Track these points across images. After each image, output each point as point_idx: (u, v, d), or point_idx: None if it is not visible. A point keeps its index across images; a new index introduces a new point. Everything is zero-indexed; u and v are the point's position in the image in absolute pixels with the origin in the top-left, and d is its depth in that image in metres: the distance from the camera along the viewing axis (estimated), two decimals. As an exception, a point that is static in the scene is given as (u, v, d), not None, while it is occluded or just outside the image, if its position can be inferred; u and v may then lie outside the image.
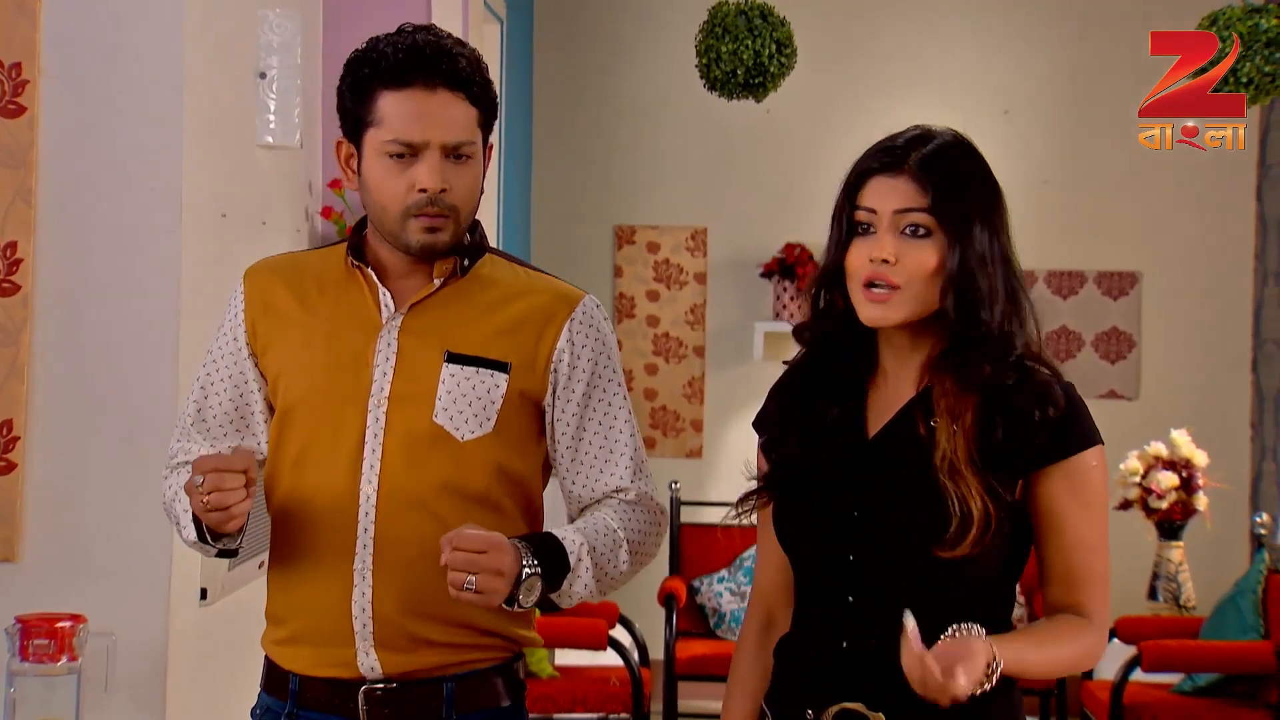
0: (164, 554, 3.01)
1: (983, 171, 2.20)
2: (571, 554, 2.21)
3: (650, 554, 2.35)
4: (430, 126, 2.20)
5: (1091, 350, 7.43)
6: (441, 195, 2.21)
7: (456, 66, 2.22)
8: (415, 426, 2.26)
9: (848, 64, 7.45)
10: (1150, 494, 6.09)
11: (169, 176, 3.10)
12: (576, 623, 5.32)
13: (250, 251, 3.46)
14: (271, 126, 3.55)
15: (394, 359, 2.28)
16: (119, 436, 3.08)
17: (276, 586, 2.36)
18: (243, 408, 2.39)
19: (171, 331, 3.09)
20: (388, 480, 2.25)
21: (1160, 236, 7.36)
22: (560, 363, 2.31)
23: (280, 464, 2.33)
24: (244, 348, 2.37)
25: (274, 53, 3.55)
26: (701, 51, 4.64)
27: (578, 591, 2.23)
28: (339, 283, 2.34)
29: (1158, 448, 6.17)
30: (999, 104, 7.42)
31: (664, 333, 7.49)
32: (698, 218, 7.52)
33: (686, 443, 7.43)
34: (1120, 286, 7.42)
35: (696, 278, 7.51)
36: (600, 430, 2.33)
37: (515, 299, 2.32)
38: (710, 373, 7.48)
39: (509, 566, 2.10)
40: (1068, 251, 7.43)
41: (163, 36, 3.10)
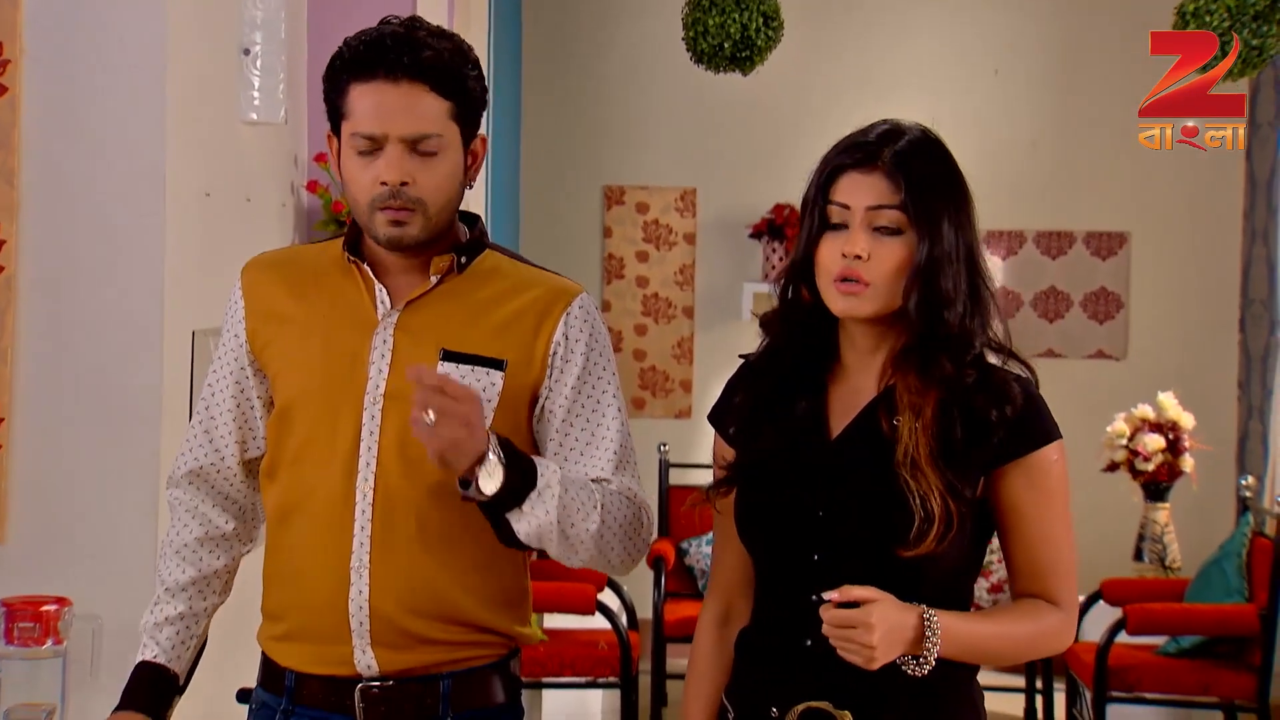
0: (150, 536, 3.00)
1: (952, 169, 2.18)
2: (542, 476, 2.15)
3: (627, 544, 2.27)
4: (390, 119, 2.17)
5: (1080, 310, 7.43)
6: (404, 189, 2.19)
7: (420, 57, 2.18)
8: (410, 425, 2.24)
9: (835, 27, 7.41)
10: (1137, 456, 6.10)
11: (152, 155, 3.07)
12: (564, 588, 5.32)
13: (235, 230, 3.46)
14: (256, 103, 3.53)
15: (390, 356, 2.26)
16: (104, 418, 3.07)
17: (273, 584, 2.35)
18: (244, 405, 2.38)
19: (156, 311, 3.08)
20: (384, 478, 2.24)
21: (1149, 197, 7.35)
22: (555, 355, 2.29)
23: (278, 461, 2.32)
24: (244, 345, 2.36)
25: (258, 28, 3.52)
26: (688, 25, 4.60)
27: (536, 519, 2.14)
28: (335, 279, 2.33)
29: (1145, 410, 6.17)
30: (988, 64, 7.39)
31: (653, 293, 7.47)
32: (687, 178, 7.50)
33: (675, 403, 7.43)
34: (1109, 246, 7.41)
35: (686, 238, 7.49)
36: (589, 423, 2.31)
37: (512, 295, 2.30)
38: (699, 333, 7.47)
39: (477, 423, 2.06)
40: (1056, 211, 7.42)
41: (145, 14, 3.06)
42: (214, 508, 2.41)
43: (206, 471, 2.40)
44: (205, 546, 2.41)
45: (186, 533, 2.41)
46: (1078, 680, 5.67)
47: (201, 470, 2.40)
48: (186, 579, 2.39)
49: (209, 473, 2.40)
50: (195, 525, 2.41)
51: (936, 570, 2.07)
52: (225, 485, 2.41)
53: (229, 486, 2.42)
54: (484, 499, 2.12)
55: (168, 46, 3.08)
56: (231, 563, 2.45)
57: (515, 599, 2.35)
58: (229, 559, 2.44)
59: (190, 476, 2.41)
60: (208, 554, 2.41)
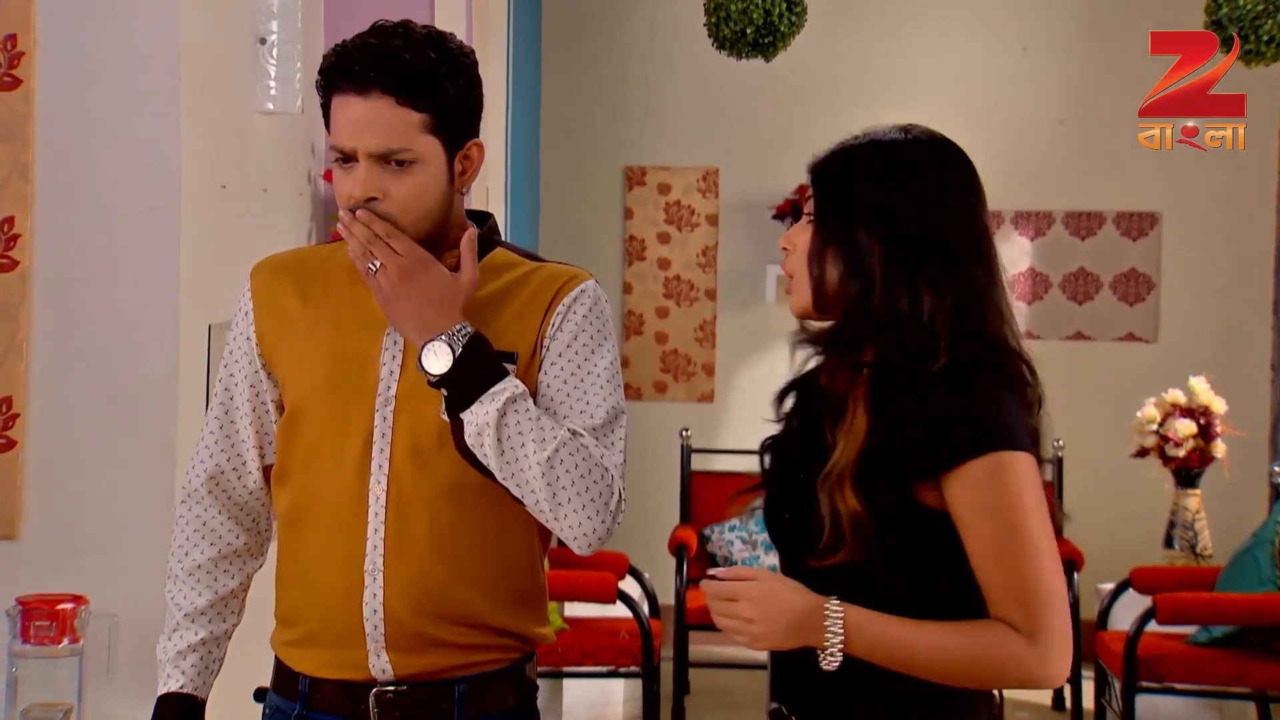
0: (166, 533, 3.00)
1: (882, 161, 2.13)
2: (503, 383, 2.16)
3: (582, 495, 2.17)
4: (357, 133, 2.18)
5: (1110, 292, 7.41)
6: (372, 203, 2.20)
7: (393, 70, 2.17)
8: (423, 424, 2.25)
9: (859, 4, 7.39)
10: (1167, 442, 6.10)
11: (167, 148, 3.08)
12: (585, 576, 5.35)
13: (251, 221, 3.47)
14: (272, 93, 3.53)
15: (400, 356, 2.28)
16: (119, 413, 3.09)
17: (286, 588, 2.36)
18: (260, 409, 2.39)
19: (171, 305, 3.09)
20: (396, 480, 2.26)
21: (1180, 176, 7.32)
22: (547, 335, 2.27)
23: (288, 465, 2.33)
24: (255, 347, 2.37)
25: (274, 17, 3.53)
26: (709, 10, 4.60)
27: (477, 418, 2.14)
28: (344, 279, 2.34)
29: (1175, 395, 6.17)
30: (1016, 41, 7.36)
31: (675, 275, 7.48)
32: (709, 158, 7.50)
33: (698, 387, 7.44)
34: (1139, 227, 7.39)
35: (708, 219, 7.49)
36: (577, 389, 2.26)
37: (518, 288, 2.31)
38: (722, 316, 7.47)
39: (419, 286, 2.17)
40: (1086, 192, 7.40)
41: (159, 4, 3.07)
42: (226, 520, 2.42)
43: (227, 476, 2.41)
44: (219, 566, 2.42)
45: (198, 553, 2.42)
46: (1106, 670, 5.67)
47: (222, 474, 2.40)
48: (204, 603, 2.41)
49: (229, 478, 2.41)
50: (206, 545, 2.42)
51: (871, 583, 2.03)
52: (243, 492, 2.42)
53: (246, 494, 2.42)
54: (431, 381, 2.17)
55: (182, 36, 3.09)
56: (246, 581, 2.46)
57: (531, 599, 2.36)
58: (243, 577, 2.45)
59: (209, 484, 2.40)
60: (222, 574, 2.42)
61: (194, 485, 2.43)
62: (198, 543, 2.42)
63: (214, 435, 2.42)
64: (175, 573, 2.43)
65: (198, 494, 2.42)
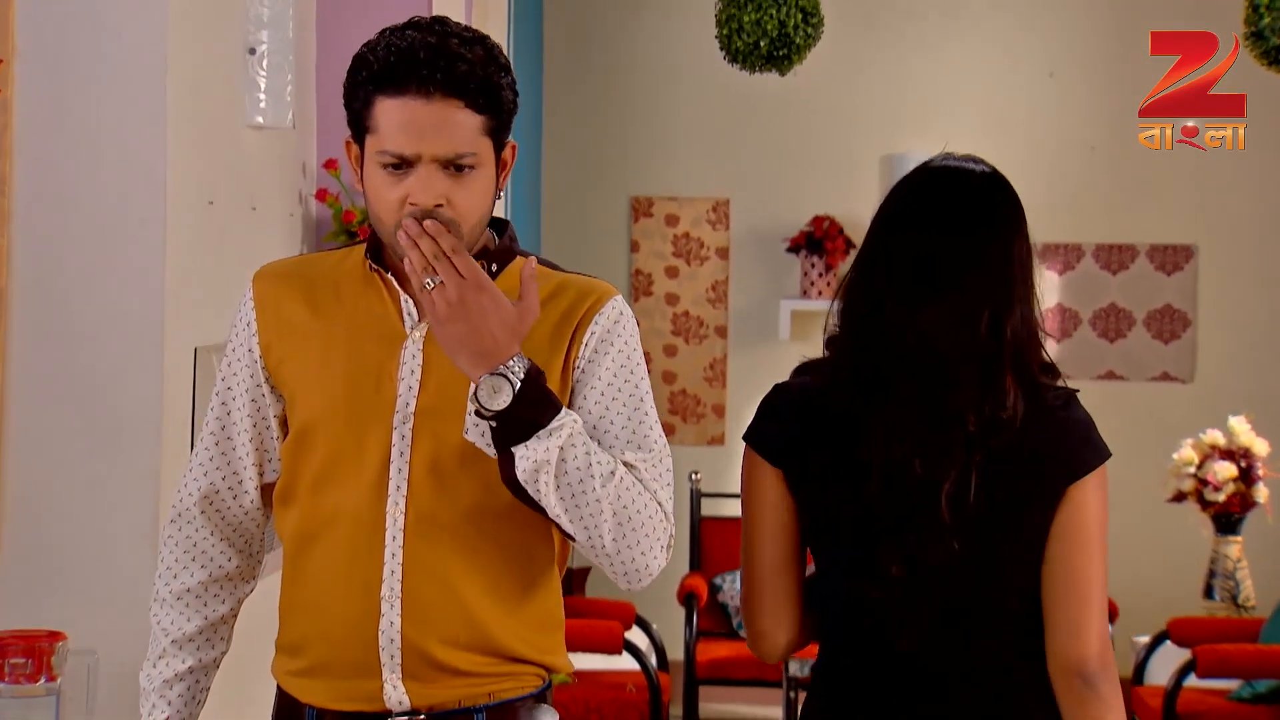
0: (149, 566, 3.01)
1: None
2: (559, 418, 2.15)
3: (638, 531, 2.21)
4: (423, 138, 2.18)
5: (1143, 329, 7.42)
6: (437, 210, 2.20)
7: (456, 71, 2.18)
8: (444, 443, 2.25)
9: (878, 23, 7.43)
10: (1206, 486, 6.09)
11: (152, 162, 3.10)
12: (590, 625, 5.34)
13: (240, 241, 3.49)
14: (262, 106, 3.56)
15: (420, 371, 2.27)
16: (101, 440, 3.10)
17: (292, 615, 2.35)
18: (261, 425, 2.39)
19: (156, 327, 3.10)
20: (416, 500, 2.25)
21: (1217, 207, 7.35)
22: (583, 357, 2.28)
23: (296, 485, 2.33)
24: (258, 360, 2.37)
25: (264, 27, 3.56)
26: (722, 21, 4.62)
27: (536, 455, 2.14)
28: (356, 289, 2.34)
29: (1214, 436, 6.16)
30: (1043, 66, 7.40)
31: (683, 311, 7.50)
32: (719, 188, 7.53)
33: (708, 429, 7.45)
34: (1174, 261, 7.41)
35: (718, 252, 7.52)
36: (630, 420, 2.27)
37: (548, 302, 2.31)
38: (733, 354, 7.49)
39: (495, 328, 2.13)
40: (1117, 223, 7.42)
41: (145, 12, 3.10)
42: (219, 542, 2.42)
43: (221, 495, 2.41)
44: (209, 591, 2.42)
45: (187, 576, 2.41)
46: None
47: (217, 493, 2.40)
48: (193, 629, 2.40)
49: (223, 497, 2.41)
50: (196, 568, 2.42)
51: None
52: (238, 511, 2.42)
53: (241, 514, 2.42)
54: (485, 415, 2.14)
55: (168, 46, 3.12)
56: (236, 606, 2.46)
57: (551, 627, 2.37)
58: (234, 602, 2.45)
59: (202, 503, 2.40)
60: (212, 598, 2.42)
61: (185, 504, 2.42)
62: (187, 565, 2.42)
63: (209, 452, 2.42)
64: (162, 596, 2.43)
65: (189, 514, 2.42)
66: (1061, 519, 2.30)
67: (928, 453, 2.28)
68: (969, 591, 2.32)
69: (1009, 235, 2.35)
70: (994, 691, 2.34)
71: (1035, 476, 2.30)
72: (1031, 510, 2.30)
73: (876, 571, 2.31)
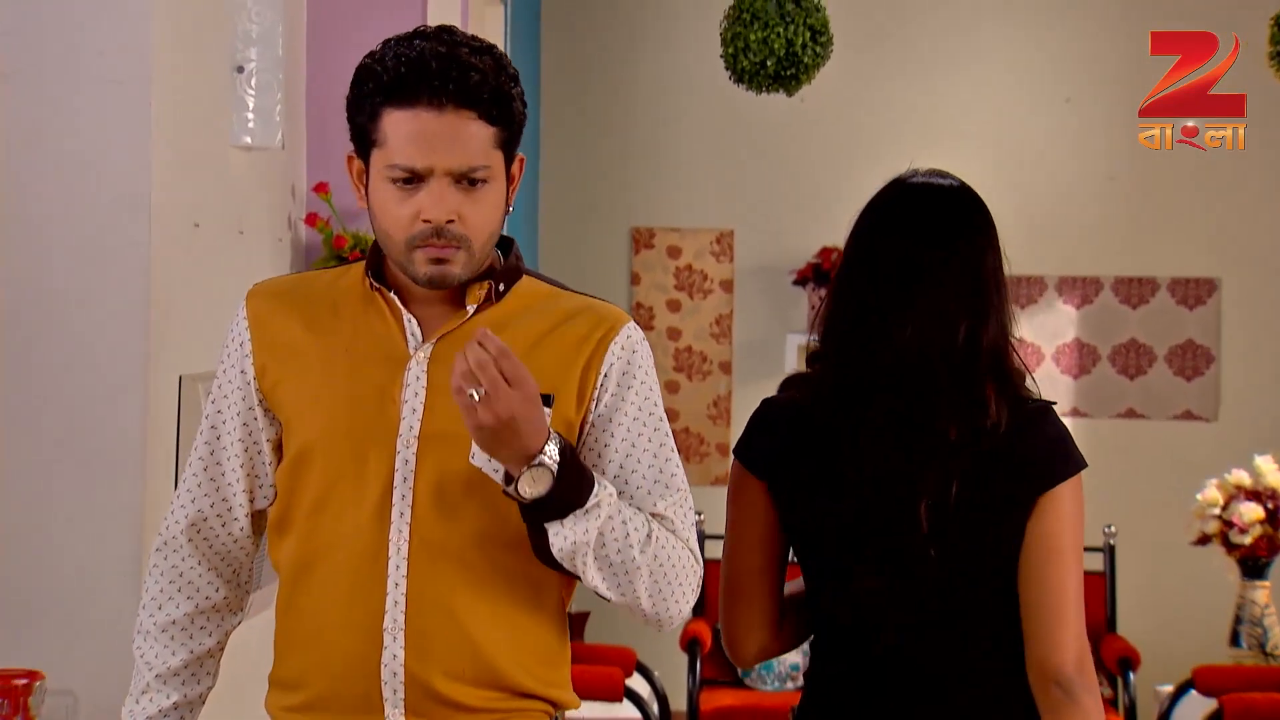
0: (131, 602, 3.00)
1: None
2: (595, 495, 2.17)
3: (673, 593, 2.28)
4: (435, 151, 2.18)
5: (1165, 366, 7.43)
6: (449, 226, 2.20)
7: (468, 82, 2.18)
8: (449, 469, 2.25)
9: (889, 48, 7.46)
10: (1232, 528, 6.08)
11: (136, 183, 3.10)
12: (588, 671, 5.32)
13: (227, 265, 3.49)
14: (250, 126, 3.56)
15: (424, 394, 2.27)
16: (82, 471, 3.09)
17: (289, 648, 2.35)
18: (253, 450, 2.39)
19: (139, 354, 3.10)
20: (420, 527, 2.25)
21: (1241, 238, 7.36)
22: (602, 387, 2.29)
23: (293, 512, 2.32)
24: (252, 383, 2.36)
25: (252, 44, 3.57)
26: (727, 40, 4.63)
27: (573, 536, 2.17)
28: (356, 308, 2.34)
29: (1240, 476, 6.14)
30: (1059, 91, 7.43)
31: (686, 346, 7.50)
32: (723, 218, 7.54)
33: (711, 469, 7.44)
34: (1196, 294, 7.42)
35: (722, 285, 7.53)
36: (656, 458, 2.32)
37: (554, 324, 2.31)
38: (738, 391, 7.49)
39: (530, 417, 2.09)
40: (1137, 255, 7.43)
41: (129, 28, 3.10)
42: (206, 572, 2.41)
43: (210, 523, 2.40)
44: (196, 623, 2.41)
45: (173, 608, 2.41)
46: (1167, 780, 5.64)
47: (205, 520, 2.40)
48: (178, 663, 2.40)
49: (212, 525, 2.40)
50: (183, 599, 2.41)
51: None
52: (226, 540, 2.42)
53: (230, 542, 2.42)
54: (523, 502, 2.15)
55: (153, 63, 3.12)
56: (223, 639, 2.45)
57: (557, 660, 2.37)
58: (221, 635, 2.45)
59: (189, 531, 2.40)
60: (199, 631, 2.42)
61: (172, 532, 2.42)
62: (173, 595, 2.41)
63: (197, 478, 2.41)
64: (146, 628, 2.42)
65: (175, 542, 2.41)
66: (1034, 528, 2.41)
67: (909, 463, 2.41)
68: (949, 600, 2.44)
69: (981, 246, 2.49)
70: (981, 697, 2.46)
71: (1011, 485, 2.41)
72: (1006, 518, 2.41)
73: (858, 581, 2.46)
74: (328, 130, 4.10)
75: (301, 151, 4.12)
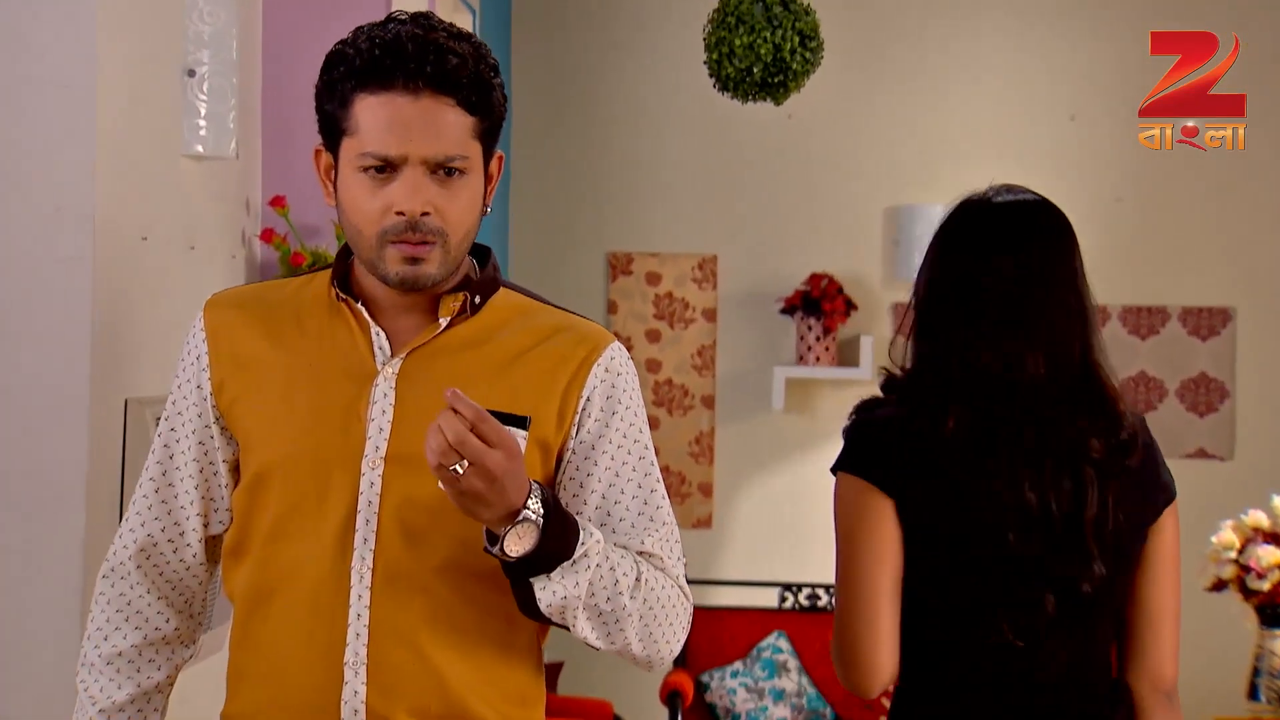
0: (73, 641, 2.99)
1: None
2: (582, 544, 2.17)
3: (664, 636, 2.30)
4: (410, 138, 2.18)
5: (1176, 401, 7.43)
6: (424, 219, 2.20)
7: (445, 65, 2.19)
8: (417, 493, 2.24)
9: (883, 61, 7.47)
10: (1249, 572, 6.07)
11: (79, 193, 3.09)
12: (563, 726, 5.31)
13: (176, 282, 3.48)
14: (201, 134, 3.55)
15: (391, 412, 2.27)
16: (19, 502, 3.07)
17: (243, 682, 2.34)
18: (208, 470, 2.38)
19: (82, 376, 3.08)
20: (385, 555, 2.25)
21: (1257, 265, 7.38)
22: (585, 413, 2.30)
23: (249, 538, 2.32)
24: (208, 399, 2.36)
25: (204, 46, 3.56)
26: (711, 45, 4.63)
27: (563, 591, 2.17)
28: (321, 320, 2.33)
29: (1257, 517, 6.14)
30: (1064, 108, 7.45)
31: (666, 379, 7.49)
32: (706, 243, 7.54)
33: (693, 510, 7.43)
34: (1210, 325, 7.43)
35: (705, 314, 7.52)
36: (641, 489, 2.33)
37: (534, 341, 2.32)
38: (721, 427, 7.48)
39: (510, 474, 2.07)
40: (1146, 283, 7.44)
41: (73, 29, 3.10)
42: (156, 601, 2.40)
43: (160, 548, 2.39)
44: (144, 655, 2.41)
45: (120, 638, 2.40)
46: (1182, 841, 5.62)
47: (155, 546, 2.39)
48: (124, 697, 2.39)
49: (162, 550, 2.39)
50: (130, 630, 2.40)
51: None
52: (178, 567, 2.41)
53: (182, 569, 2.41)
54: (507, 560, 2.14)
55: (98, 66, 3.12)
56: (173, 674, 2.45)
57: (530, 699, 2.37)
58: (170, 669, 2.44)
59: (138, 557, 2.39)
60: (147, 664, 2.41)
61: (120, 558, 2.41)
62: (120, 625, 2.40)
63: (148, 500, 2.41)
64: (91, 660, 2.40)
65: (124, 568, 2.40)
66: (1158, 543, 2.69)
67: (1061, 484, 2.59)
68: (1105, 614, 2.67)
69: (1078, 264, 2.70)
70: (1099, 711, 2.69)
71: (1147, 502, 2.67)
72: (1141, 534, 2.67)
73: (1025, 606, 2.61)
74: (285, 140, 4.10)
75: (257, 162, 4.11)
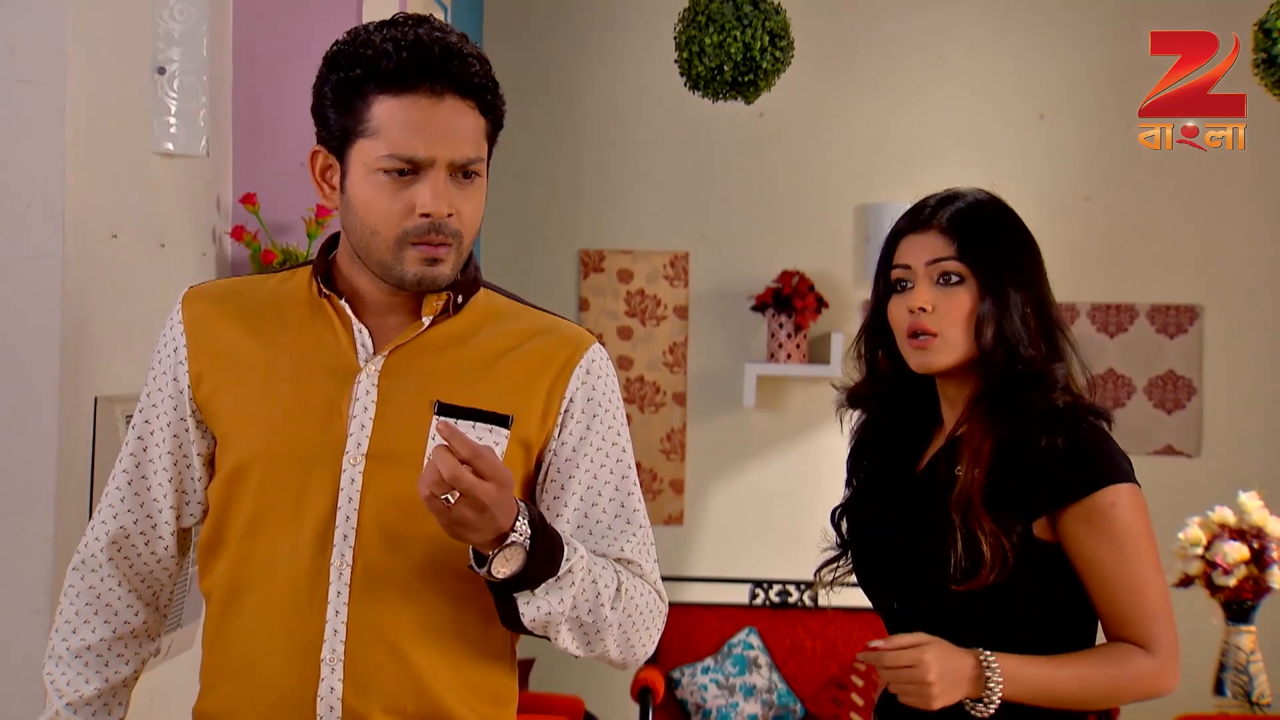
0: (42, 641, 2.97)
1: (1011, 222, 2.76)
2: (566, 561, 2.19)
3: (641, 638, 2.33)
4: (437, 141, 2.20)
5: (1144, 398, 7.44)
6: (447, 220, 2.21)
7: (468, 70, 2.22)
8: (398, 491, 2.24)
9: (854, 60, 7.47)
10: (1215, 569, 6.09)
11: (48, 190, 3.07)
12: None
13: (146, 280, 3.46)
14: (172, 131, 3.54)
15: (373, 409, 2.27)
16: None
17: (217, 678, 2.34)
18: (182, 463, 2.37)
19: (51, 375, 3.07)
20: (364, 553, 2.25)
21: (1224, 262, 7.39)
22: (568, 414, 2.31)
23: (225, 532, 2.32)
24: (185, 391, 2.36)
25: (175, 44, 3.54)
26: (682, 44, 4.64)
27: (547, 607, 2.19)
28: (303, 316, 2.34)
29: (1223, 514, 6.16)
30: (1033, 107, 7.45)
31: (638, 376, 7.48)
32: (678, 240, 7.53)
33: (665, 507, 7.42)
34: (1177, 323, 7.44)
35: (676, 312, 7.51)
36: (618, 492, 2.36)
37: (515, 341, 2.33)
38: (693, 424, 7.47)
39: (499, 501, 2.08)
40: (1115, 281, 7.45)
41: (41, 25, 3.08)
42: (126, 594, 2.40)
43: (132, 540, 2.39)
44: (113, 649, 2.40)
45: (88, 632, 2.39)
46: (1150, 835, 5.63)
47: (127, 538, 2.39)
48: (91, 691, 2.38)
49: (134, 543, 2.39)
50: (99, 623, 2.40)
51: (1003, 614, 2.57)
52: (149, 559, 2.40)
53: (154, 561, 2.41)
54: (494, 581, 2.15)
55: (68, 62, 3.10)
56: (139, 668, 2.45)
57: (504, 699, 2.38)
58: (137, 664, 2.43)
59: (110, 549, 2.39)
60: (115, 658, 2.40)
61: (91, 550, 2.41)
62: (89, 619, 2.39)
63: (120, 492, 2.40)
64: (59, 653, 2.40)
65: (95, 560, 2.40)
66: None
67: None
68: None
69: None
70: None
71: None
72: None
73: None
74: (255, 137, 4.08)
75: (228, 159, 4.10)
